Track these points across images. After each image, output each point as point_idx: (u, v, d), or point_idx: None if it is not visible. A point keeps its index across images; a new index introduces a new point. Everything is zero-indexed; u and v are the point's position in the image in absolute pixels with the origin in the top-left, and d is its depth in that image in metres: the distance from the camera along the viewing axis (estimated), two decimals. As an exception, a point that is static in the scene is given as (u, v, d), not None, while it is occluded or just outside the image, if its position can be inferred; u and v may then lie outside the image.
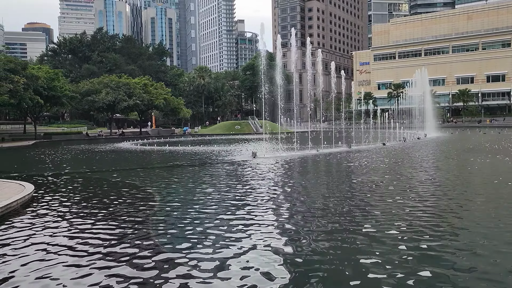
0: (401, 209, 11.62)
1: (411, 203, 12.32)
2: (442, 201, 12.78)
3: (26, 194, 13.84)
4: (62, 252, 8.33)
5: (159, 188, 16.43)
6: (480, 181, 17.28)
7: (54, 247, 8.64)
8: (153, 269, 7.29)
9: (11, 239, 9.35)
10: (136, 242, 8.89)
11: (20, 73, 56.49)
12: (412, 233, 9.12)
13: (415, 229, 9.44)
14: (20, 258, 7.99)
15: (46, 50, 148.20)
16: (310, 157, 29.27)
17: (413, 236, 8.88)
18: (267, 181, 17.71)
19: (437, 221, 10.25)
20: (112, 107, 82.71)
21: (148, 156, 35.25)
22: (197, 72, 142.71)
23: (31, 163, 31.20)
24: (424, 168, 21.73)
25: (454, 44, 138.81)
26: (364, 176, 18.89)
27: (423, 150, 34.97)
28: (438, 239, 8.65)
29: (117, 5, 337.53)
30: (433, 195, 13.73)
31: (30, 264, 7.66)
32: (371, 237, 8.85)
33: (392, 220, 10.35)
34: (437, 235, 8.91)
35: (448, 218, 10.65)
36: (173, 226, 10.27)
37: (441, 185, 15.87)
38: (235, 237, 9.06)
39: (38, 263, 7.70)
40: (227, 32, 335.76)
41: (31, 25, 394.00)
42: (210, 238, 9.05)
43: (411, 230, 9.33)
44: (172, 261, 7.68)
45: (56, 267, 7.48)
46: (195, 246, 8.50)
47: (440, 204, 12.31)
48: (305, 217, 10.86)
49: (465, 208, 11.75)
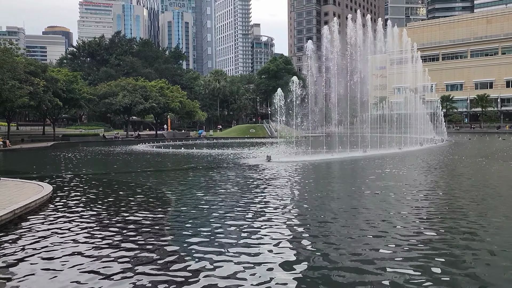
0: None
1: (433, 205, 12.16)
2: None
3: (44, 194, 14.12)
4: (77, 250, 8.50)
5: (176, 192, 16.56)
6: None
7: (69, 248, 8.81)
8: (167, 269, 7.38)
9: (29, 238, 9.55)
10: (151, 242, 9.01)
11: (40, 75, 57.54)
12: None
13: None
14: (38, 256, 8.17)
15: (66, 53, 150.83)
16: (325, 162, 29.14)
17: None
18: (280, 185, 17.70)
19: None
20: (129, 110, 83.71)
21: (165, 159, 35.54)
22: (212, 76, 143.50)
23: (50, 164, 31.75)
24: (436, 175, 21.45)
25: (472, 49, 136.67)
26: (378, 182, 18.75)
27: (440, 154, 34.48)
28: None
29: (135, 9, 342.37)
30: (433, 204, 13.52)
31: (46, 264, 7.82)
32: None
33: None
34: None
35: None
36: (191, 230, 10.36)
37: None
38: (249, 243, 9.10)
39: (53, 265, 7.84)
40: (243, 36, 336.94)
41: (51, 28, 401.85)
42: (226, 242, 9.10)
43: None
44: (198, 271, 7.75)
45: (71, 270, 7.63)
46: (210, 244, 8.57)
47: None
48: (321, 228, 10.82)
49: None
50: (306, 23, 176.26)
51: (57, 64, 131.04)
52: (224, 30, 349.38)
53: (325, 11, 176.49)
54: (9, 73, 46.90)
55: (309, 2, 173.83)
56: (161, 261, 7.85)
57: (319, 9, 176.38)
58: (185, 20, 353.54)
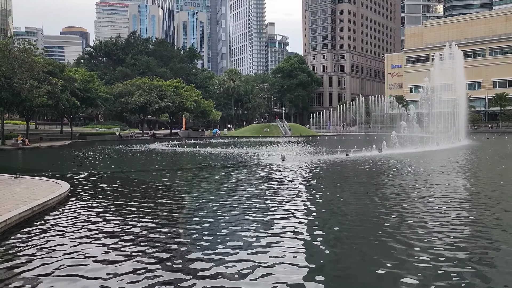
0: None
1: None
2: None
3: (62, 192, 14.37)
4: (94, 246, 8.64)
5: (192, 190, 16.67)
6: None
7: (87, 244, 8.96)
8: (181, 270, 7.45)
9: (47, 235, 9.74)
10: (166, 241, 9.10)
11: (58, 75, 58.45)
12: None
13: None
14: (56, 252, 8.33)
15: (83, 53, 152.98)
16: (340, 161, 28.97)
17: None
18: (295, 184, 17.68)
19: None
20: (144, 109, 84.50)
21: (180, 158, 35.76)
22: (227, 75, 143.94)
23: (67, 162, 32.24)
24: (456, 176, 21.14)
25: (491, 47, 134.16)
26: (392, 180, 18.57)
27: (458, 156, 33.94)
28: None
29: (151, 9, 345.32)
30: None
31: (63, 260, 7.96)
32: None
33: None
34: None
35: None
36: (207, 229, 10.43)
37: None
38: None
39: (70, 260, 7.97)
40: (257, 35, 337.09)
41: (69, 29, 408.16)
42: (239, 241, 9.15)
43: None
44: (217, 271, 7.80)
45: (88, 264, 7.76)
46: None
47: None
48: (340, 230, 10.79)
49: None
50: (321, 21, 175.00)
51: (75, 64, 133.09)
52: (239, 29, 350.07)
53: (340, 9, 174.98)
54: (28, 73, 47.77)
55: (324, 0, 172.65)
56: (180, 260, 7.92)
57: (334, 7, 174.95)
58: (200, 20, 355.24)
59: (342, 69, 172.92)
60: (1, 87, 47.22)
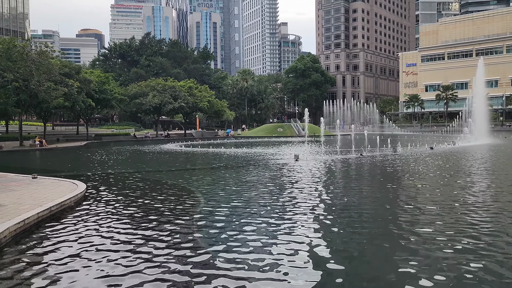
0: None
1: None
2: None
3: (79, 192, 14.58)
4: (111, 246, 8.74)
5: (206, 190, 16.74)
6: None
7: (104, 244, 9.07)
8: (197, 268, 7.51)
9: (65, 234, 9.89)
10: (180, 241, 9.17)
11: (74, 77, 59.30)
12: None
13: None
14: (73, 251, 8.45)
15: (98, 55, 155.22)
16: (354, 161, 28.78)
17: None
18: (309, 184, 17.63)
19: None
20: (158, 110, 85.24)
21: (194, 158, 35.93)
22: (240, 75, 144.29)
23: (84, 162, 32.67)
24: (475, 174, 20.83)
25: (508, 44, 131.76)
26: (407, 181, 18.39)
27: (475, 155, 33.39)
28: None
29: (164, 10, 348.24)
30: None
31: (82, 260, 8.08)
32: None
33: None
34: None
35: None
36: (221, 230, 10.48)
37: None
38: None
39: (86, 261, 8.05)
40: (270, 35, 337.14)
41: (85, 31, 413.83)
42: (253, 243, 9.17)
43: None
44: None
45: (106, 263, 7.86)
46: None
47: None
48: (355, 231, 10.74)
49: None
50: (334, 20, 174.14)
51: (90, 65, 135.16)
52: (252, 30, 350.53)
53: (353, 8, 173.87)
54: (45, 75, 48.58)
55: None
56: (195, 260, 7.98)
57: (347, 6, 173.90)
58: (213, 20, 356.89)
59: (356, 68, 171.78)
60: (19, 89, 48.13)
